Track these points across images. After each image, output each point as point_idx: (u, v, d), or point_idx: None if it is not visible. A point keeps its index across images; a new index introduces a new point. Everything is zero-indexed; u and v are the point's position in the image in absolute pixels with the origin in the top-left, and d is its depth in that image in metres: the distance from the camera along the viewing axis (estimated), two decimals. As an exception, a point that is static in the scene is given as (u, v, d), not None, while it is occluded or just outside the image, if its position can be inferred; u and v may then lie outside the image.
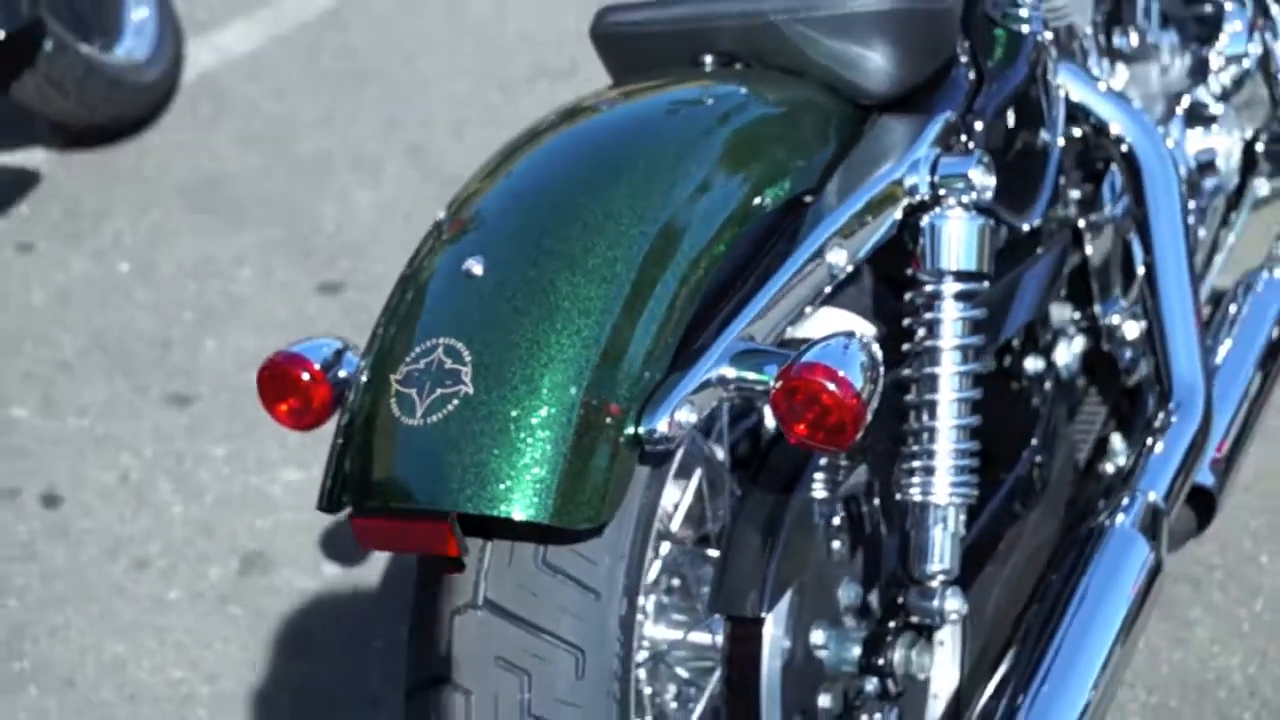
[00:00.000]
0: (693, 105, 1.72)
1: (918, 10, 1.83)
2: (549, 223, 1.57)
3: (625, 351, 1.52)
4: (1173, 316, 2.16)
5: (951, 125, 1.83)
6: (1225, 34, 2.63)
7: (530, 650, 1.53)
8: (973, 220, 1.76)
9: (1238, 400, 2.31)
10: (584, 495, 1.48)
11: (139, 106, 3.67)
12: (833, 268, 1.69)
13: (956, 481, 1.76)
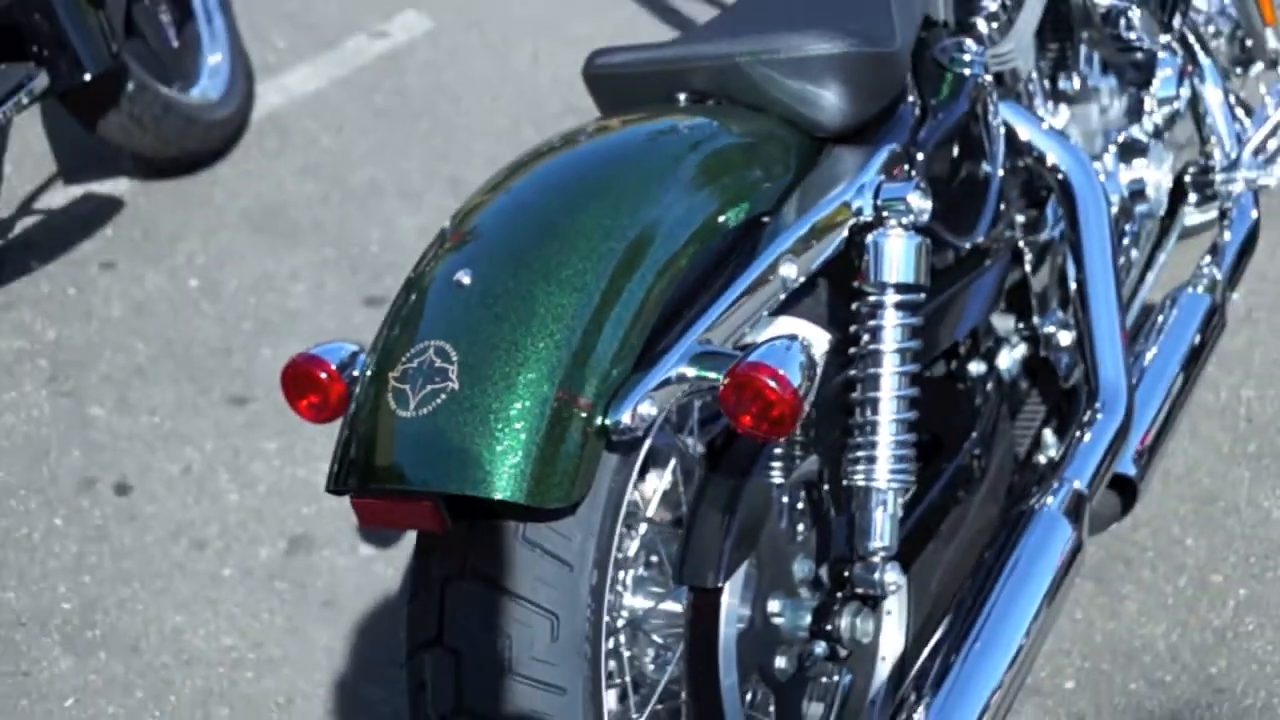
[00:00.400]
0: (665, 136, 1.73)
1: (865, 54, 1.84)
2: (529, 239, 1.58)
3: (593, 352, 1.53)
4: (1100, 327, 2.16)
5: (895, 155, 1.84)
6: (1158, 79, 2.62)
7: (512, 615, 1.54)
8: (911, 239, 1.77)
9: (1161, 400, 2.32)
10: (555, 478, 1.49)
11: (211, 141, 3.69)
12: (785, 280, 1.70)
13: (895, 469, 1.77)
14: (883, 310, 1.77)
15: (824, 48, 1.82)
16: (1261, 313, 3.19)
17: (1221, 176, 2.69)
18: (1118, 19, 2.39)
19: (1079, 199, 2.24)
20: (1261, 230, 3.20)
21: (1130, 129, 2.58)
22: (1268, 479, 2.75)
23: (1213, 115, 2.76)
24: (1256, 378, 3.00)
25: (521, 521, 1.53)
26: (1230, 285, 2.61)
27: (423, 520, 1.51)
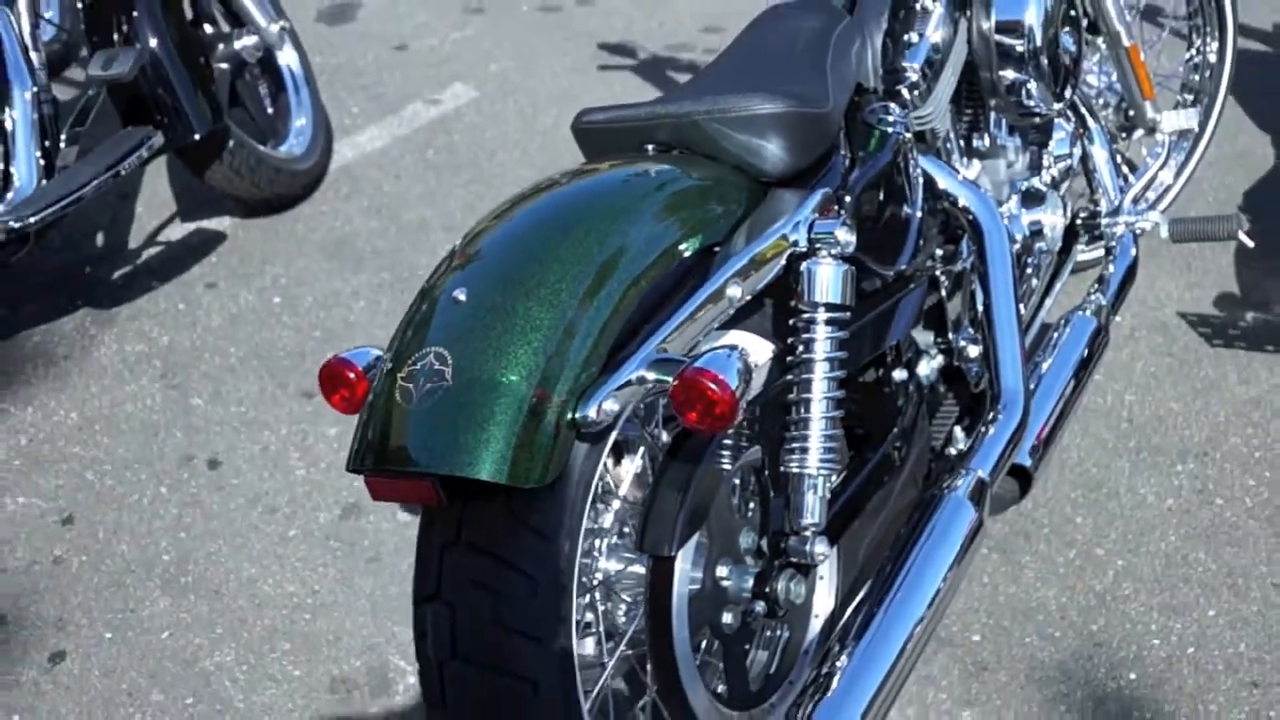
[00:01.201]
0: (634, 179, 1.65)
1: (801, 113, 1.75)
2: (516, 263, 1.51)
3: (566, 357, 1.45)
4: (1003, 343, 2.07)
5: (827, 197, 1.74)
6: (1054, 139, 2.53)
7: (499, 576, 1.47)
8: (838, 267, 1.68)
9: (1054, 403, 2.22)
10: (531, 462, 1.42)
11: (295, 187, 3.62)
12: (732, 299, 1.61)
13: (824, 458, 1.68)
14: (815, 326, 1.69)
15: (767, 107, 1.73)
16: (1142, 331, 3.08)
17: (1106, 220, 2.59)
18: (1019, 89, 2.29)
19: (986, 237, 2.14)
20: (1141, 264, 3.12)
21: (1031, 180, 2.48)
22: (1144, 469, 2.64)
23: (1099, 170, 2.66)
24: (1137, 385, 2.89)
25: (506, 498, 1.46)
26: (1113, 310, 2.51)
27: (422, 495, 1.44)
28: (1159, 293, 3.20)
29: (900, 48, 2.13)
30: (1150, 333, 3.07)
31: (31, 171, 2.85)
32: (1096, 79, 3.06)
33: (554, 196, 1.59)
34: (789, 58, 1.91)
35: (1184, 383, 2.89)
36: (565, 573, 1.48)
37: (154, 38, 3.10)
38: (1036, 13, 2.25)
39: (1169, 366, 2.95)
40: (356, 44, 4.72)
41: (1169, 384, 2.89)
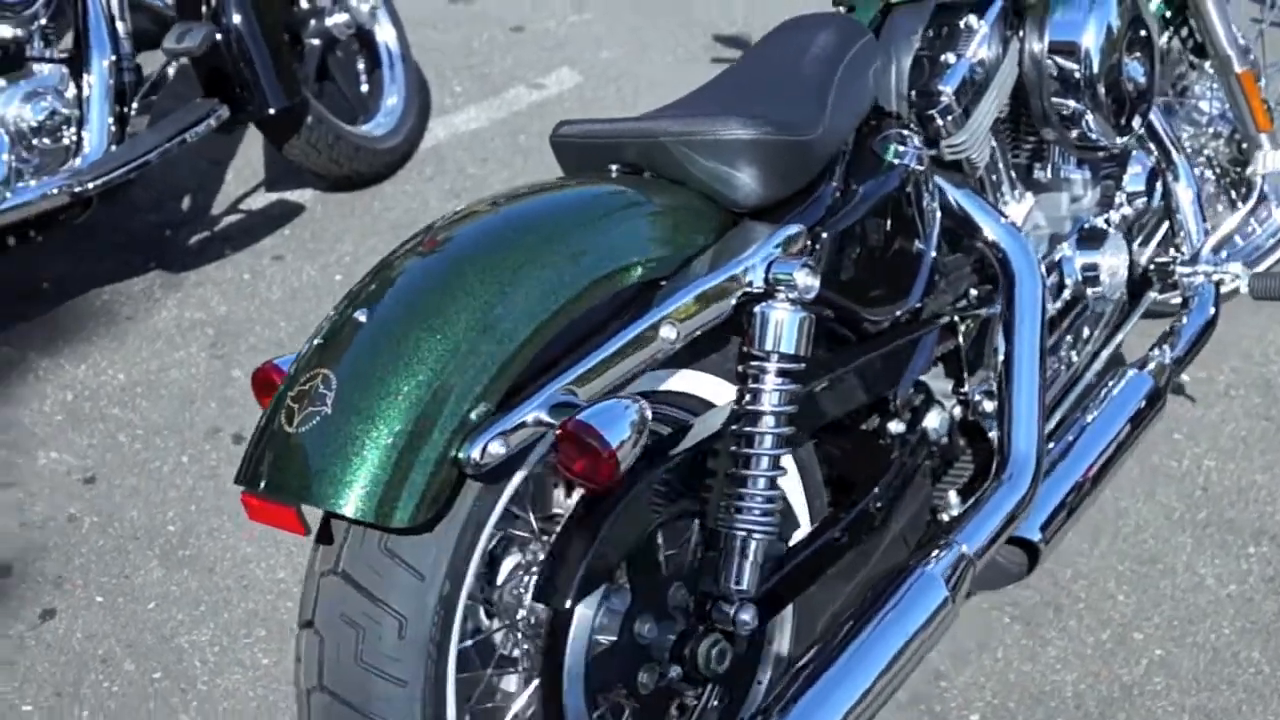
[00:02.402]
0: (576, 202, 1.53)
1: (777, 142, 1.61)
2: (423, 287, 1.42)
3: (453, 393, 1.36)
4: (1019, 402, 1.89)
5: (798, 234, 1.60)
6: (1128, 174, 2.31)
7: (366, 613, 1.39)
8: (795, 313, 1.54)
9: (1085, 469, 2.02)
10: (400, 500, 1.33)
11: (376, 165, 3.57)
12: (665, 340, 1.48)
13: (759, 520, 1.55)
14: (763, 375, 1.54)
15: (737, 133, 1.59)
16: (1240, 390, 2.82)
17: (1182, 268, 2.36)
18: (1075, 119, 2.09)
19: (1016, 281, 1.96)
20: (1250, 313, 2.87)
21: (1096, 218, 2.27)
22: (1209, 547, 2.42)
23: (1182, 211, 2.43)
24: (1221, 451, 2.65)
25: (384, 532, 1.38)
26: (1180, 367, 2.29)
27: (287, 523, 1.37)
28: (1267, 346, 2.94)
29: (933, 69, 1.95)
30: (1249, 391, 2.82)
31: (102, 138, 2.87)
32: (1207, 106, 2.82)
33: (488, 218, 1.49)
34: (790, 77, 1.76)
35: (1275, 453, 2.64)
36: (442, 617, 1.39)
37: (237, 14, 3.10)
38: (1096, 36, 2.05)
39: (1263, 431, 2.70)
40: (475, 23, 4.68)
41: (1259, 452, 2.64)
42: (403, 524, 1.32)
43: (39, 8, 2.80)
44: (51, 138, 2.82)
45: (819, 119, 1.69)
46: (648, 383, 1.59)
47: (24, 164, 2.79)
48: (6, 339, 3.00)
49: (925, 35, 1.98)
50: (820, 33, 1.85)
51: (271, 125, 3.29)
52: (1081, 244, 2.19)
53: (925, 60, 1.96)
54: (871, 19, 1.97)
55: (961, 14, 2.01)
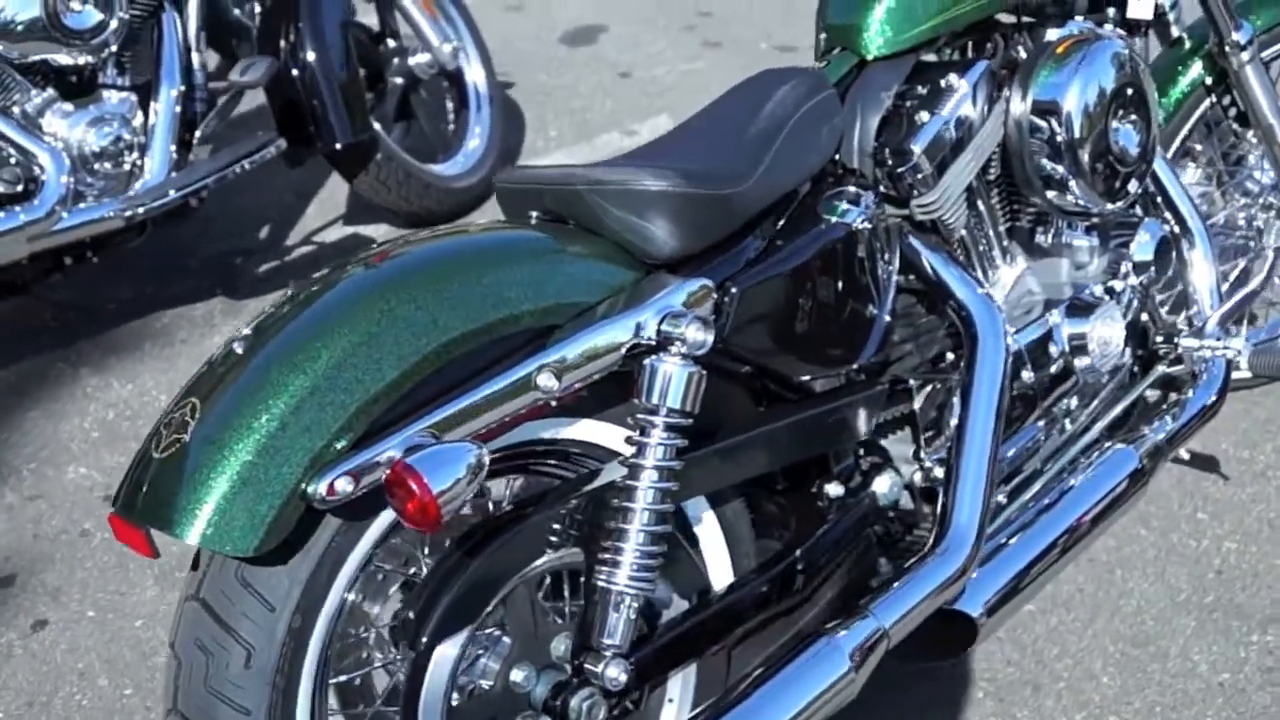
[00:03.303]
0: (476, 247, 1.54)
1: (693, 194, 1.57)
2: (302, 322, 1.45)
3: (307, 428, 1.36)
4: (966, 473, 1.80)
5: (702, 288, 1.56)
6: (1137, 241, 2.18)
7: (217, 640, 1.40)
8: (685, 368, 1.50)
9: (1044, 546, 1.92)
10: (240, 531, 1.34)
11: (449, 205, 3.62)
12: (543, 390, 1.46)
13: (635, 576, 1.51)
14: (649, 430, 1.51)
15: (648, 184, 1.56)
16: (1277, 472, 2.64)
17: (1185, 341, 2.22)
18: (1058, 184, 1.99)
19: (979, 347, 1.87)
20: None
21: (1094, 285, 2.15)
22: (1210, 632, 2.26)
23: (1194, 282, 2.29)
24: (1245, 533, 2.48)
25: (241, 562, 1.38)
26: (1173, 444, 2.15)
27: (138, 546, 1.39)
28: (1317, 424, 2.75)
29: (906, 128, 1.88)
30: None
31: (162, 165, 2.98)
32: (1262, 177, 2.65)
33: (385, 260, 1.50)
34: (735, 130, 1.72)
35: (1303, 541, 2.46)
36: (292, 649, 1.39)
37: (312, 50, 3.20)
38: (1080, 99, 1.95)
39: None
40: (587, 68, 4.73)
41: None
42: (243, 553, 1.33)
43: (109, 36, 2.91)
44: (113, 163, 2.94)
45: (749, 173, 1.65)
46: (549, 429, 1.57)
47: (86, 187, 2.90)
48: (65, 355, 3.13)
49: (900, 92, 1.92)
50: (781, 87, 1.80)
51: (340, 159, 3.37)
52: (1071, 313, 2.08)
53: (898, 118, 1.90)
54: (846, 74, 1.91)
55: (942, 72, 1.95)
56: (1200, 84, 2.53)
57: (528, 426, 1.54)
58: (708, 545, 1.73)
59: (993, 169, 2.04)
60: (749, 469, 1.69)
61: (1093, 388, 2.18)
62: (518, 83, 4.71)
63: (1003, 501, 2.03)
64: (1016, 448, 2.06)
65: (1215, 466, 2.66)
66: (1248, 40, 2.42)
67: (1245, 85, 2.47)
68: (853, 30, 1.91)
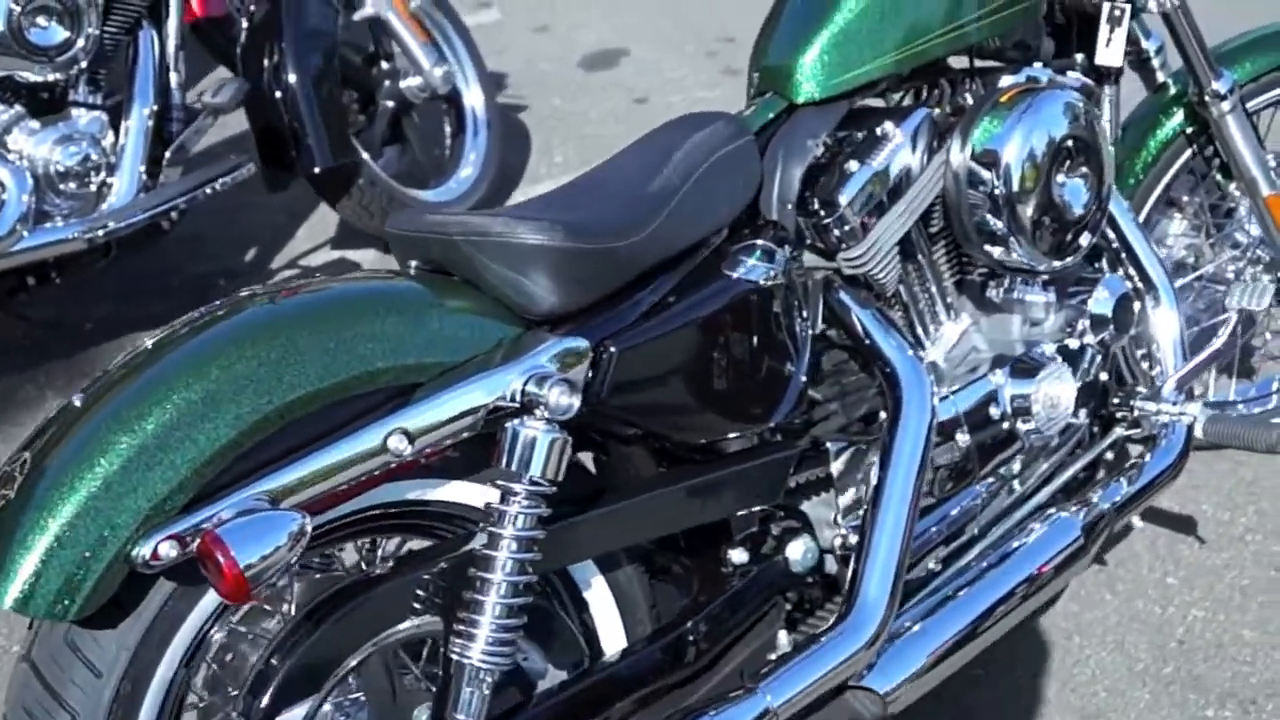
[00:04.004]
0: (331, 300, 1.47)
1: (571, 249, 1.50)
2: (139, 379, 1.39)
3: (133, 490, 1.30)
4: (879, 542, 1.71)
5: (577, 347, 1.48)
6: (1095, 298, 2.06)
7: (43, 705, 1.35)
8: (548, 434, 1.42)
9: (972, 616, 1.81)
10: (55, 597, 1.28)
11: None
12: (394, 453, 1.39)
13: (490, 650, 1.43)
14: (509, 497, 1.43)
15: (526, 237, 1.49)
16: (1257, 537, 2.51)
17: (1140, 404, 2.10)
18: (997, 239, 1.88)
19: (902, 409, 1.77)
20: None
21: (1048, 343, 2.04)
22: (1166, 705, 2.14)
23: (1158, 341, 2.17)
24: (1215, 600, 2.36)
25: (67, 626, 1.32)
26: (1122, 512, 2.03)
27: None
28: (1312, 488, 2.61)
29: (835, 178, 1.79)
30: (1268, 539, 2.50)
31: (130, 186, 2.95)
32: (1251, 228, 2.52)
33: (239, 313, 1.43)
34: (637, 179, 1.64)
35: (1275, 609, 2.33)
36: (121, 717, 1.33)
37: (293, 73, 3.16)
38: (1020, 149, 1.85)
39: (1269, 584, 2.39)
40: (601, 92, 4.66)
41: (1257, 605, 2.34)
42: (59, 618, 1.28)
43: (77, 53, 2.87)
44: (79, 182, 2.91)
45: (642, 226, 1.57)
46: (417, 490, 1.50)
47: (52, 206, 2.88)
48: (34, 376, 3.10)
49: (831, 140, 1.83)
50: (695, 133, 1.72)
51: (320, 183, 3.33)
52: (1016, 373, 1.97)
53: (826, 167, 1.81)
54: (775, 118, 1.81)
55: (878, 120, 1.86)
56: (1181, 132, 2.41)
57: (394, 487, 1.48)
58: (599, 611, 1.65)
59: (935, 221, 1.94)
60: (634, 534, 1.61)
61: (1042, 450, 2.07)
62: (531, 106, 4.65)
63: (936, 568, 1.93)
64: (954, 512, 1.96)
65: (1192, 528, 2.54)
66: (1228, 90, 2.31)
67: (1226, 136, 2.35)
68: (783, 73, 1.82)
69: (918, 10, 1.84)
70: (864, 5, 1.81)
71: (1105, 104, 2.21)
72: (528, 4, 5.62)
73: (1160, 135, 2.41)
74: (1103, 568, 2.43)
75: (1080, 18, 2.17)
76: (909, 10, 1.84)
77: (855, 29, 1.81)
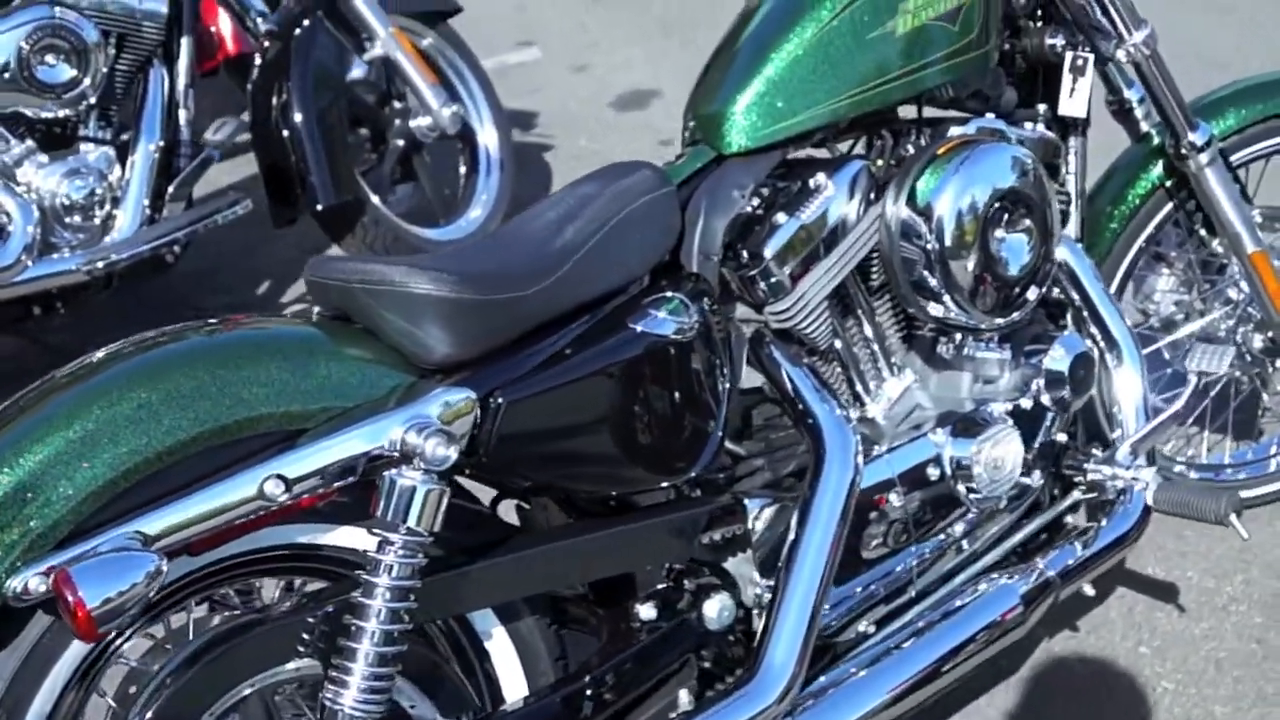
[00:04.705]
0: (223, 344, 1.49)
1: (464, 299, 1.50)
2: (20, 417, 1.41)
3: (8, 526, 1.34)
4: (790, 605, 1.69)
5: (462, 398, 1.48)
6: (1050, 357, 2.01)
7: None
8: (424, 484, 1.43)
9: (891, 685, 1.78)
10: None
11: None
12: (269, 498, 1.39)
13: (362, 700, 1.43)
14: (386, 547, 1.43)
15: (421, 287, 1.49)
16: (1241, 607, 2.43)
17: (1093, 467, 2.05)
18: (935, 298, 1.85)
19: (823, 467, 1.75)
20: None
21: (1001, 402, 1.99)
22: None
23: (1119, 402, 2.11)
24: (1188, 671, 2.28)
25: None
26: (1070, 579, 1.98)
27: None
28: (1302, 556, 2.52)
29: (760, 230, 1.77)
30: (1252, 609, 2.42)
31: (134, 220, 3.02)
32: (1239, 288, 2.45)
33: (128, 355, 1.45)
34: (549, 229, 1.64)
35: (1251, 684, 2.24)
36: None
37: (299, 112, 3.22)
38: (954, 204, 1.81)
39: (1247, 657, 2.31)
40: (629, 132, 4.68)
41: (1231, 679, 2.26)
42: None
43: (85, 90, 2.95)
44: (84, 215, 2.98)
45: (543, 276, 1.57)
46: (308, 534, 1.51)
47: (57, 238, 2.95)
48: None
49: (759, 191, 1.81)
50: (615, 182, 1.72)
51: (325, 220, 3.37)
52: (957, 433, 1.93)
53: (754, 219, 1.79)
54: (702, 168, 1.81)
55: (809, 171, 1.83)
56: (1160, 185, 2.36)
57: (283, 530, 1.49)
58: (500, 661, 1.64)
59: (876, 275, 1.91)
60: (533, 585, 1.59)
61: (991, 511, 2.03)
62: (558, 145, 4.68)
63: (869, 630, 1.89)
64: (890, 573, 1.92)
65: (1173, 595, 2.46)
66: (1205, 142, 2.25)
67: (1205, 190, 2.29)
68: (712, 123, 1.81)
69: (854, 60, 1.82)
70: (797, 54, 1.80)
71: (1071, 156, 2.17)
72: (572, 43, 5.68)
73: (1139, 187, 2.36)
74: (1074, 634, 2.36)
75: (1046, 67, 2.14)
76: (845, 60, 1.81)
77: (787, 78, 1.79)
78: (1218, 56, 4.74)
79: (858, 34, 1.83)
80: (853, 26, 1.82)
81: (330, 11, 3.36)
